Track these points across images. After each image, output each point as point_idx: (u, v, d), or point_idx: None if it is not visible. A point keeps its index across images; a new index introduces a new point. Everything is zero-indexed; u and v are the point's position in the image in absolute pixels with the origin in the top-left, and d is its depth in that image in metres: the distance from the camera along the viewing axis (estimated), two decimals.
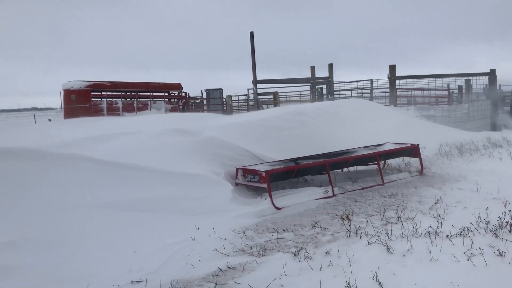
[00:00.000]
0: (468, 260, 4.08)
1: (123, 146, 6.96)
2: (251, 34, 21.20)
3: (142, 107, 21.97)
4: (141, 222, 5.35)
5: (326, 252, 4.57)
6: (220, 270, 4.28)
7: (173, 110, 23.19)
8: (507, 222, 4.88)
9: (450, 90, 21.89)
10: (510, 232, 4.76)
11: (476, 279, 3.71)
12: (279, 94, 22.75)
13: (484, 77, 19.73)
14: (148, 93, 23.61)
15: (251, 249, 4.85)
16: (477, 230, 4.93)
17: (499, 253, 4.17)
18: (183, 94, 26.27)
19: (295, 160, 7.98)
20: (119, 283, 3.98)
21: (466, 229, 4.91)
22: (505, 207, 5.56)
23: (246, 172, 7.09)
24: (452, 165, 9.62)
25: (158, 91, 24.35)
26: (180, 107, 24.88)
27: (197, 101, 27.74)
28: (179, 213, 5.80)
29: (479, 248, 4.27)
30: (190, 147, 7.46)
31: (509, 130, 16.38)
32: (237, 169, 7.27)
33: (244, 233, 5.43)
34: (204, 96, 27.40)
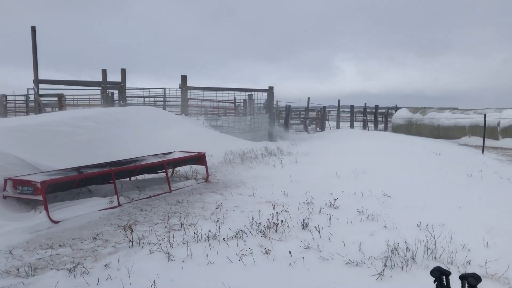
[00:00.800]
0: (239, 260, 4.45)
1: None
2: (33, 28, 19.04)
3: None
4: None
5: (106, 265, 4.37)
6: None
7: None
8: (273, 223, 5.53)
9: (236, 103, 23.84)
10: (276, 231, 5.39)
11: (245, 277, 4.07)
12: (66, 97, 21.00)
13: (264, 92, 22.09)
14: None
15: (18, 269, 4.29)
16: (250, 231, 5.42)
17: (266, 251, 4.68)
18: None
19: (78, 169, 7.45)
20: None
21: (241, 232, 5.35)
22: (273, 209, 6.30)
23: (17, 183, 6.27)
24: (234, 172, 10.43)
25: None
26: None
27: None
28: None
29: (249, 248, 4.72)
30: None
31: (282, 141, 18.70)
32: (5, 180, 6.37)
33: (10, 252, 4.78)
34: None
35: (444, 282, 1.17)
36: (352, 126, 29.05)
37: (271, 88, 21.85)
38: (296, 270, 4.23)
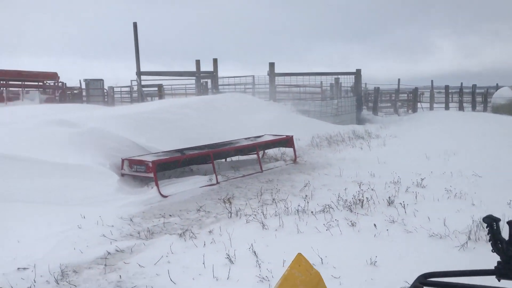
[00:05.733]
0: (327, 230, 4.87)
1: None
2: (135, 24, 20.79)
3: (13, 97, 20.30)
4: (24, 213, 5.28)
5: (209, 232, 5.04)
6: (109, 253, 4.50)
7: (48, 101, 21.84)
8: (359, 199, 5.85)
9: (323, 87, 23.93)
10: (362, 207, 5.72)
11: (332, 244, 4.49)
12: (164, 86, 22.69)
13: (351, 76, 21.94)
14: (20, 82, 21.85)
15: (139, 233, 5.12)
16: (336, 207, 5.80)
17: (351, 224, 5.05)
18: (60, 84, 24.81)
19: (181, 150, 8.32)
20: (5, 271, 3.99)
21: (327, 207, 5.76)
22: (359, 187, 6.61)
23: (133, 162, 7.25)
24: (321, 154, 10.78)
25: (32, 80, 22.67)
26: (57, 98, 23.48)
27: (75, 91, 26.37)
28: (63, 203, 5.80)
29: (336, 220, 5.12)
30: (74, 138, 7.37)
31: (370, 124, 18.54)
32: (123, 160, 7.39)
33: (131, 220, 5.65)
34: (84, 86, 26.13)
35: (495, 227, 1.44)
36: (447, 107, 27.66)
37: (358, 71, 21.64)
38: (380, 241, 4.56)
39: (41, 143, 6.95)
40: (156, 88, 22.21)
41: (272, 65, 20.77)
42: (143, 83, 21.82)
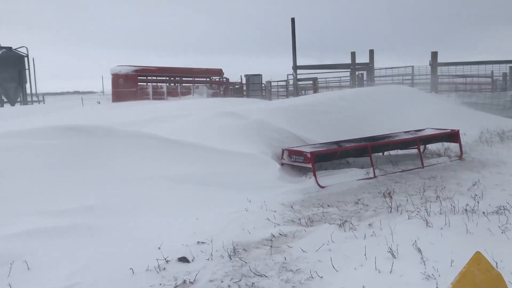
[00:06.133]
0: (502, 233, 4.45)
1: (180, 127, 7.62)
2: (292, 20, 21.44)
3: (186, 92, 22.79)
4: (200, 194, 5.97)
5: (369, 225, 5.02)
6: (273, 236, 4.82)
7: (214, 95, 23.94)
8: None
9: (494, 77, 21.48)
10: None
11: (508, 248, 4.08)
12: (319, 80, 22.98)
13: None
14: (191, 78, 24.38)
15: (299, 220, 5.36)
16: None
17: None
18: (224, 79, 26.97)
19: (337, 142, 8.39)
20: (187, 243, 4.58)
21: (502, 208, 5.23)
22: None
23: (292, 153, 7.58)
24: (492, 151, 9.76)
25: (200, 76, 25.08)
26: (221, 92, 25.59)
27: (236, 86, 28.38)
28: (232, 187, 6.38)
29: None
30: (240, 129, 8.03)
31: None
32: (283, 150, 7.78)
33: (291, 206, 5.93)
34: (244, 81, 27.96)
35: None
36: None
37: None
38: None
39: (212, 133, 7.74)
40: (310, 82, 22.63)
41: (434, 54, 19.43)
42: (298, 77, 22.43)
